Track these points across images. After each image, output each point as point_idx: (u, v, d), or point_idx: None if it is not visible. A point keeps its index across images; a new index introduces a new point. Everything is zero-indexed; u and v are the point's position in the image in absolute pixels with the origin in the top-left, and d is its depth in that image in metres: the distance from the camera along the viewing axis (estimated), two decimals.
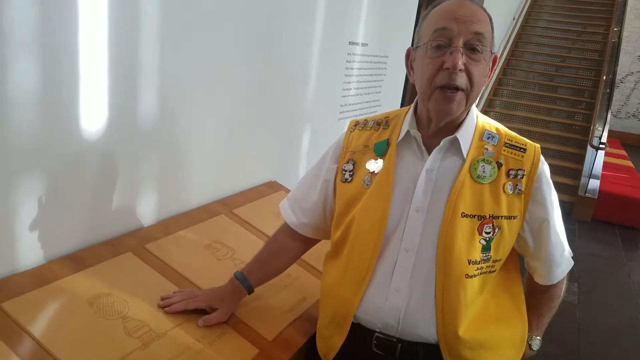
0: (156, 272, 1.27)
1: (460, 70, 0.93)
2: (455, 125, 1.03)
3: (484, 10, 0.99)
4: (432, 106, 0.99)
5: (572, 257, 1.14)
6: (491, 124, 1.08)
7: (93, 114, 1.21)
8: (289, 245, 1.23)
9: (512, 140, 1.05)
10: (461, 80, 0.95)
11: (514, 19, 7.96)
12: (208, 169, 1.68)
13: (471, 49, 0.95)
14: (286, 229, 1.23)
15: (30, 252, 1.15)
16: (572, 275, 1.16)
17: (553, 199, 1.05)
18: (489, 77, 1.03)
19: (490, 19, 1.00)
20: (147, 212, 1.47)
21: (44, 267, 1.16)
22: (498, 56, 1.06)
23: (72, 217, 1.24)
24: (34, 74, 1.05)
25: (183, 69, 1.45)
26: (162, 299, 1.16)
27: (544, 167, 1.04)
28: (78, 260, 1.21)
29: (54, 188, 1.16)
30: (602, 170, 5.47)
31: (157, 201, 1.49)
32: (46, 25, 1.04)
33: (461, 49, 0.94)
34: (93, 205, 1.29)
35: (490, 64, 1.01)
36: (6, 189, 1.06)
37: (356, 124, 1.17)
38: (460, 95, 0.96)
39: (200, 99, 1.55)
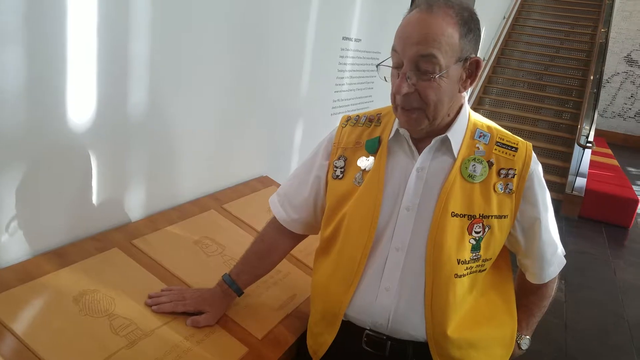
0: (143, 269, 1.24)
1: (409, 93, 0.93)
2: (446, 124, 1.02)
3: (453, 16, 0.92)
4: (399, 121, 1.01)
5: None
6: (483, 123, 1.07)
7: (80, 106, 1.17)
8: (278, 242, 1.22)
9: (503, 139, 1.04)
10: (413, 102, 0.95)
11: (504, 17, 8.00)
12: (199, 163, 1.66)
13: (419, 69, 0.92)
14: (275, 224, 1.22)
15: (13, 247, 1.12)
16: (560, 271, 1.16)
17: (546, 198, 1.05)
18: (472, 82, 0.99)
19: (461, 25, 0.92)
20: (135, 206, 1.44)
21: (28, 263, 1.13)
22: (485, 57, 1.04)
23: (57, 211, 1.20)
24: (19, 63, 1.01)
25: (173, 62, 1.42)
26: (150, 297, 1.14)
27: (537, 167, 1.04)
28: (63, 255, 1.18)
29: (39, 181, 1.13)
30: (589, 169, 5.55)
31: (146, 195, 1.46)
32: (33, 13, 1.01)
33: (408, 73, 0.92)
34: (79, 199, 1.25)
35: (466, 73, 0.97)
36: None
37: (348, 119, 1.16)
38: (417, 113, 0.96)
39: (191, 92, 1.52)
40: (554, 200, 1.06)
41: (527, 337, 1.18)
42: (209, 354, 1.05)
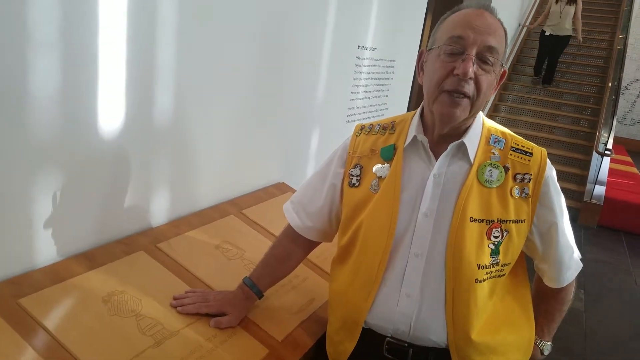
0: (168, 271, 1.28)
1: (470, 78, 0.95)
2: (462, 130, 1.04)
3: (501, 24, 1.00)
4: (436, 109, 1.00)
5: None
6: (497, 128, 1.09)
7: (110, 113, 1.23)
8: (293, 249, 1.24)
9: (518, 145, 1.05)
10: (469, 87, 0.96)
11: (519, 24, 7.97)
12: (218, 170, 1.70)
13: (483, 59, 0.96)
14: (290, 231, 1.24)
15: (46, 250, 1.17)
16: (578, 281, 1.17)
17: (561, 202, 1.06)
18: (496, 89, 1.04)
19: (506, 34, 1.01)
20: (159, 211, 1.49)
21: (59, 265, 1.18)
22: (507, 69, 1.07)
23: (86, 215, 1.26)
24: (54, 73, 1.06)
25: (195, 70, 1.47)
26: (175, 298, 1.18)
27: (552, 172, 1.05)
28: (92, 258, 1.23)
29: (70, 186, 1.18)
30: (608, 177, 5.46)
31: (169, 201, 1.51)
32: (67, 25, 1.06)
33: (473, 58, 0.95)
34: (107, 204, 1.30)
35: (499, 77, 1.03)
36: (25, 187, 1.08)
37: (362, 128, 1.17)
38: (465, 102, 0.97)
39: (211, 100, 1.57)
40: (572, 209, 1.08)
41: (549, 342, 1.18)
42: (231, 354, 1.08)
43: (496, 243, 1.00)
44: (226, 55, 1.57)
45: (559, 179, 1.07)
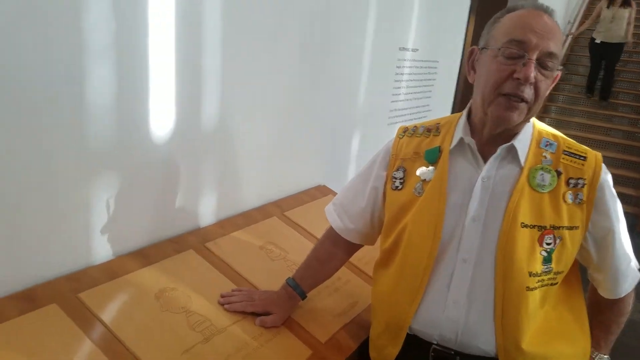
0: (215, 270, 1.32)
1: (530, 83, 0.93)
2: (512, 132, 1.01)
3: (559, 26, 0.98)
4: (492, 111, 0.97)
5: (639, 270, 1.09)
6: (548, 131, 1.06)
7: (160, 120, 1.28)
8: (335, 251, 1.25)
9: (571, 148, 1.02)
10: (528, 92, 0.93)
11: (569, 22, 7.65)
12: (262, 172, 1.74)
13: (543, 64, 0.94)
14: (332, 233, 1.25)
15: (103, 248, 1.24)
16: (636, 292, 1.11)
17: (617, 208, 1.01)
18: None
19: (562, 36, 0.99)
20: (207, 212, 1.54)
21: (115, 262, 1.24)
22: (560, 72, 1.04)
23: (140, 215, 1.32)
24: (109, 80, 1.12)
25: (239, 77, 1.50)
26: (222, 296, 1.21)
27: (607, 177, 1.01)
28: (145, 256, 1.29)
29: (125, 188, 1.24)
30: None
31: (216, 202, 1.56)
32: (120, 36, 1.12)
33: (534, 62, 0.93)
34: (159, 205, 1.36)
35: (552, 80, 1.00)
36: (84, 188, 1.15)
37: (405, 130, 1.16)
38: (523, 106, 0.95)
39: (254, 105, 1.60)
40: (630, 215, 1.03)
41: (606, 356, 1.13)
42: (276, 353, 1.10)
43: (549, 250, 0.97)
44: (268, 61, 1.60)
45: (615, 183, 1.02)
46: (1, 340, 0.93)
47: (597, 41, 6.29)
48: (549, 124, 1.12)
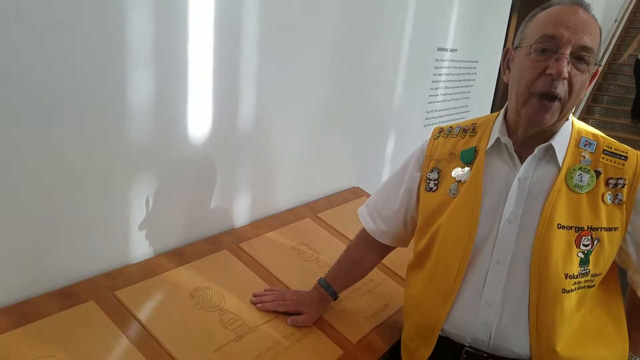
0: (249, 270, 1.34)
1: (564, 78, 0.90)
2: (550, 132, 0.99)
3: (595, 20, 0.94)
4: (525, 112, 0.95)
5: None
6: (588, 130, 1.03)
7: (197, 122, 1.32)
8: (367, 252, 1.24)
9: (611, 148, 0.98)
10: (561, 88, 0.91)
11: (615, 20, 7.33)
12: (295, 174, 1.75)
13: (578, 58, 0.91)
14: (364, 235, 1.24)
15: (140, 246, 1.28)
16: None
17: None
18: (587, 88, 0.97)
19: (600, 30, 0.95)
20: (241, 213, 1.56)
21: (152, 260, 1.28)
22: (600, 67, 1.00)
23: (176, 215, 1.35)
24: (150, 83, 1.16)
25: (275, 79, 1.52)
26: (255, 295, 1.23)
27: None
28: (180, 255, 1.33)
29: (162, 189, 1.28)
30: None
31: (250, 203, 1.58)
32: (160, 40, 1.16)
33: (568, 57, 0.90)
34: (194, 205, 1.39)
35: (591, 76, 0.96)
36: (122, 189, 1.19)
37: (440, 131, 1.15)
38: (556, 106, 0.92)
39: (289, 108, 1.62)
40: None
41: None
42: (307, 353, 1.11)
43: (586, 252, 0.94)
44: (304, 62, 1.62)
45: None
46: (40, 336, 0.97)
47: None
48: (593, 126, 1.08)
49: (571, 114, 1.03)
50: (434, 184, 1.08)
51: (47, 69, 0.97)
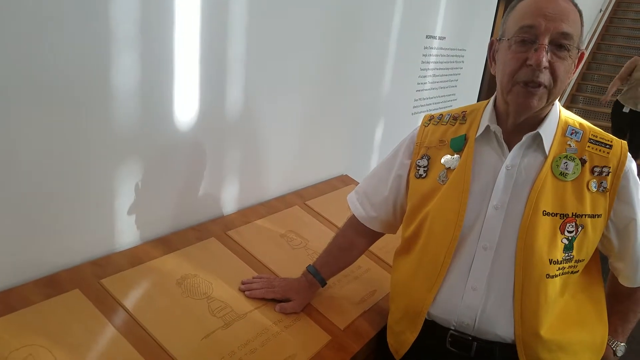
0: (237, 257, 1.34)
1: (544, 67, 0.91)
2: (537, 120, 1.00)
3: (575, 5, 0.95)
4: (511, 100, 0.97)
5: None
6: (574, 120, 1.04)
7: (185, 108, 1.30)
8: (356, 239, 1.25)
9: (597, 136, 1.00)
10: (544, 77, 0.92)
11: (600, 10, 7.40)
12: (284, 162, 1.74)
13: (557, 45, 0.92)
14: (353, 221, 1.25)
15: (126, 234, 1.26)
16: None
17: None
18: (573, 73, 0.99)
19: (581, 15, 0.96)
20: (229, 201, 1.55)
21: (138, 248, 1.27)
22: (585, 52, 1.01)
23: (163, 203, 1.34)
24: (135, 68, 1.14)
25: (264, 65, 1.51)
26: (243, 283, 1.23)
27: (632, 165, 0.99)
28: (167, 243, 1.31)
29: (149, 176, 1.26)
30: None
31: (238, 191, 1.57)
32: (146, 24, 1.13)
33: (546, 47, 0.91)
34: (182, 193, 1.38)
35: (576, 61, 0.97)
36: (107, 176, 1.17)
37: (430, 118, 1.15)
38: (542, 91, 0.94)
39: (278, 94, 1.60)
40: None
41: (623, 343, 1.13)
42: (295, 339, 1.11)
43: (570, 238, 0.97)
44: (293, 49, 1.60)
45: None
46: (25, 325, 0.96)
47: (625, 110, 4.78)
48: (577, 114, 1.09)
49: (559, 105, 1.04)
50: (424, 170, 1.09)
51: (24, 52, 0.94)
